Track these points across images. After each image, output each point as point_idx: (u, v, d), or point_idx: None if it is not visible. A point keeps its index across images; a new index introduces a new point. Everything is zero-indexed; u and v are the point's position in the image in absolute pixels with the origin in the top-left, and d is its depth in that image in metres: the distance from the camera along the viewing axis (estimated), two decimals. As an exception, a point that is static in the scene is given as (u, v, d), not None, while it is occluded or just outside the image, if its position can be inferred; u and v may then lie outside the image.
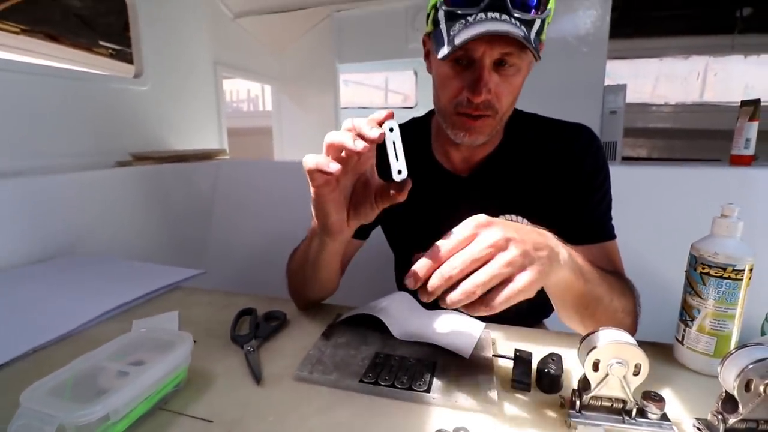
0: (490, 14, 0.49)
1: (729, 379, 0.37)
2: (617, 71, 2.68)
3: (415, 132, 0.71)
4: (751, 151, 1.08)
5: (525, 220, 0.64)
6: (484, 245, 0.36)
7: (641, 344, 0.47)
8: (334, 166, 0.39)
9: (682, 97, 2.63)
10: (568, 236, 0.60)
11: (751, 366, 0.36)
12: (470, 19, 0.50)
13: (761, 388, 0.36)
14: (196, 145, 1.69)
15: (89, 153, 1.20)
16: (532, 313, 0.76)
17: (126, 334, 0.47)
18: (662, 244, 0.98)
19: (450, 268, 0.36)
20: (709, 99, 2.56)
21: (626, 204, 1.04)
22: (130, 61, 2.65)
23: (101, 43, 2.31)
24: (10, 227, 0.86)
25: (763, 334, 0.69)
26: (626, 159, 2.89)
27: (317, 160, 0.40)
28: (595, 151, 0.62)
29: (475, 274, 0.36)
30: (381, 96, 4.16)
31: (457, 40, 0.50)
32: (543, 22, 0.52)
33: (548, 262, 0.39)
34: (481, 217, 0.39)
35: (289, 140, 2.61)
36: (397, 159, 0.40)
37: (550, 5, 0.52)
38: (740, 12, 1.98)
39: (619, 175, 1.15)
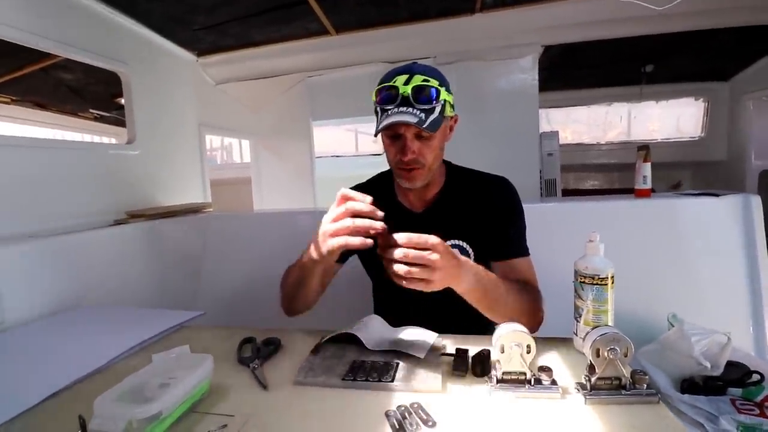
0: (401, 108, 0.74)
1: (587, 350, 0.56)
2: (555, 118, 3.12)
3: (382, 182, 0.94)
4: (648, 186, 1.35)
5: (463, 242, 0.85)
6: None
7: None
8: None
9: (613, 137, 3.08)
10: (492, 254, 0.82)
11: (597, 338, 0.55)
12: (389, 111, 0.75)
13: (605, 353, 0.55)
14: (182, 199, 1.83)
15: (90, 213, 1.33)
16: (476, 327, 0.95)
17: (161, 358, 0.61)
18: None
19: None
20: (634, 138, 3.01)
21: (558, 231, 1.27)
22: (115, 123, 2.80)
23: (90, 110, 2.47)
24: (27, 284, 0.98)
25: (669, 328, 0.86)
26: (570, 191, 3.25)
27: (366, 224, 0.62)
28: (509, 197, 0.85)
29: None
30: (352, 142, 4.49)
31: (380, 125, 0.76)
32: (443, 106, 0.76)
33: (452, 279, 0.64)
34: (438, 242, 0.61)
35: (268, 188, 2.79)
36: None
37: (443, 96, 0.76)
38: (644, 68, 2.45)
39: (556, 210, 1.39)
